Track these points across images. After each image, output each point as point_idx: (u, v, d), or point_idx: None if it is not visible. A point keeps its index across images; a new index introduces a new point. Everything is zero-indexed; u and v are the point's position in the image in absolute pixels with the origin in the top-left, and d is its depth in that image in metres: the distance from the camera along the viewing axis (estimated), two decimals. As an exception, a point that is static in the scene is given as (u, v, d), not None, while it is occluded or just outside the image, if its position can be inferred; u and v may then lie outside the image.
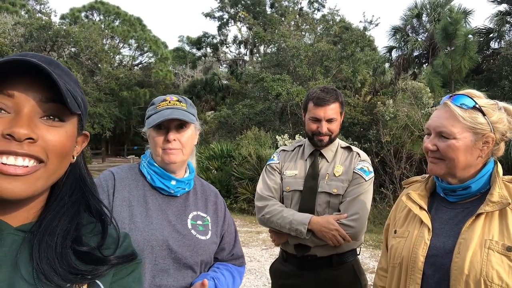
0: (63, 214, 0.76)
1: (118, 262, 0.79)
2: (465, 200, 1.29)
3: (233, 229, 1.60)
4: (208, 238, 1.43)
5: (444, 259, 1.21)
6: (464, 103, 1.25)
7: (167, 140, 1.39)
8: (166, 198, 1.44)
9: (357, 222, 1.86)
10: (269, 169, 2.14)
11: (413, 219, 1.35)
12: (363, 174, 1.96)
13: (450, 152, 1.24)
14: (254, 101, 14.93)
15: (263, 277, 5.01)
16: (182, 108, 1.42)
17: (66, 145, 0.72)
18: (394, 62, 16.11)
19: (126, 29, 32.30)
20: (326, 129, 1.99)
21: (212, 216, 1.51)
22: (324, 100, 1.97)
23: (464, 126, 1.23)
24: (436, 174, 1.31)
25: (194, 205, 1.48)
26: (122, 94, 28.18)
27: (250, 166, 9.86)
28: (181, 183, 1.44)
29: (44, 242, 0.71)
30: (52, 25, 22.35)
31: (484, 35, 13.07)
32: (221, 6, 24.73)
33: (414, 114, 8.89)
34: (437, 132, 1.27)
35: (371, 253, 5.97)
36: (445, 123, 1.25)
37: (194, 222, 1.44)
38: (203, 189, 1.57)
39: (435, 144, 1.27)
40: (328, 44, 14.61)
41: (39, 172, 0.68)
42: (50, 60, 0.73)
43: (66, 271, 0.70)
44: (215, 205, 1.55)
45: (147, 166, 1.44)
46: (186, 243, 1.37)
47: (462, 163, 1.25)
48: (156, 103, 1.45)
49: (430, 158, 1.30)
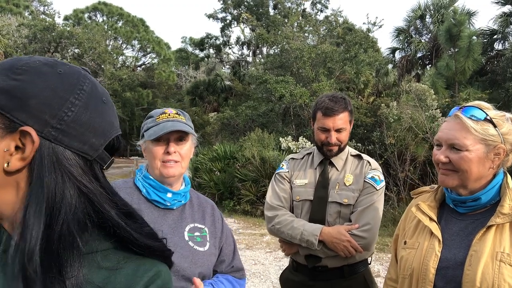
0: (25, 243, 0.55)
1: None
2: (475, 211, 1.29)
3: (231, 241, 1.59)
4: (207, 250, 1.42)
5: (455, 271, 1.21)
6: (475, 115, 1.25)
7: (167, 152, 1.38)
8: (162, 211, 1.42)
9: (368, 232, 1.84)
10: (278, 178, 2.12)
11: (423, 230, 1.35)
12: (374, 183, 1.94)
13: (463, 164, 1.24)
14: (257, 102, 14.92)
15: (268, 281, 5.01)
16: (182, 120, 1.43)
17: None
18: (397, 64, 16.09)
19: (129, 30, 32.39)
20: (335, 139, 1.96)
21: (210, 228, 1.50)
22: (333, 110, 1.94)
23: (476, 138, 1.23)
24: (448, 186, 1.31)
25: (191, 217, 1.47)
26: (125, 95, 28.26)
27: (254, 168, 9.85)
28: (177, 195, 1.43)
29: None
30: (55, 26, 22.45)
31: (488, 37, 13.03)
32: (224, 8, 24.76)
33: (418, 116, 8.86)
34: (449, 144, 1.27)
35: (375, 256, 5.96)
36: (458, 135, 1.25)
37: (192, 234, 1.42)
38: (199, 201, 1.56)
39: (447, 156, 1.27)
40: (331, 46, 14.60)
41: None
42: None
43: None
44: (213, 216, 1.54)
45: (142, 180, 1.43)
46: (183, 254, 1.35)
47: (474, 175, 1.25)
48: (154, 115, 1.45)
49: (442, 170, 1.29)
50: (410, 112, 9.20)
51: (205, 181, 10.79)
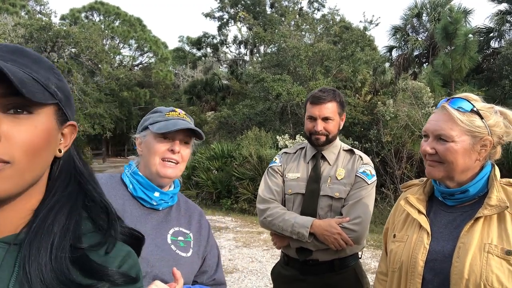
0: (59, 211, 0.67)
1: (116, 280, 0.66)
2: (464, 203, 1.30)
3: (216, 253, 1.50)
4: (189, 256, 1.35)
5: (443, 264, 1.21)
6: (462, 107, 1.26)
7: (172, 150, 1.33)
8: (147, 210, 1.36)
9: (359, 226, 1.85)
10: (271, 172, 2.13)
11: (412, 223, 1.36)
12: (366, 178, 1.95)
13: (449, 155, 1.25)
14: (254, 101, 14.92)
15: (265, 278, 5.02)
16: (191, 123, 1.39)
17: (34, 141, 0.63)
18: (394, 62, 16.13)
19: (126, 29, 32.29)
20: (322, 128, 1.98)
21: (195, 234, 1.42)
22: (320, 99, 1.97)
23: (462, 129, 1.24)
24: (435, 178, 1.31)
25: (176, 221, 1.40)
26: (123, 94, 28.18)
27: (251, 166, 9.86)
28: (165, 195, 1.37)
29: (36, 242, 0.63)
30: (52, 26, 22.34)
31: (484, 35, 13.08)
32: (221, 6, 24.72)
33: (415, 114, 8.89)
34: (436, 135, 1.28)
35: (372, 253, 5.97)
36: (444, 126, 1.26)
37: (175, 238, 1.35)
38: (187, 206, 1.49)
39: (433, 147, 1.28)
40: (328, 44, 14.60)
41: (6, 172, 0.60)
42: (14, 49, 0.66)
43: (56, 279, 0.61)
44: (199, 223, 1.47)
45: (130, 176, 1.37)
46: (165, 258, 1.28)
47: (460, 166, 1.26)
48: (163, 111, 1.40)
49: (429, 161, 1.30)
50: (407, 110, 9.23)
51: (203, 180, 10.79)
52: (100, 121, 24.44)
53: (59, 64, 21.37)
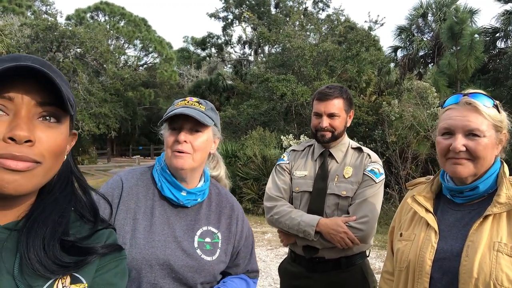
0: (54, 208, 0.78)
1: (104, 251, 0.81)
2: (472, 201, 1.27)
3: (250, 243, 1.49)
4: (215, 259, 1.33)
5: (452, 262, 1.19)
6: (486, 101, 1.24)
7: (177, 141, 1.30)
8: (176, 209, 1.34)
9: (366, 225, 1.84)
10: (278, 169, 2.13)
11: (419, 222, 1.34)
12: (373, 176, 1.93)
13: (482, 151, 1.21)
14: (258, 101, 14.91)
15: (269, 277, 5.01)
16: (200, 109, 1.33)
17: (61, 145, 0.75)
18: (399, 62, 16.05)
19: (131, 29, 32.41)
20: (328, 124, 1.97)
21: (223, 232, 1.39)
22: (326, 95, 1.97)
23: (489, 124, 1.22)
24: (462, 176, 1.24)
25: (206, 219, 1.38)
26: (127, 94, 28.29)
27: (255, 166, 9.85)
28: (192, 195, 1.34)
29: (33, 231, 0.73)
30: (58, 26, 22.46)
31: (491, 35, 12.98)
32: (226, 7, 24.74)
33: (420, 114, 8.84)
34: (466, 130, 1.22)
35: (377, 253, 5.94)
36: (475, 121, 1.21)
37: (202, 240, 1.34)
38: (219, 199, 1.45)
39: (464, 144, 1.22)
40: (333, 44, 14.58)
41: (37, 170, 0.71)
42: (44, 62, 0.75)
43: (51, 261, 0.72)
44: (229, 219, 1.42)
45: (159, 172, 1.36)
46: (189, 264, 1.28)
47: (488, 162, 1.23)
48: (175, 103, 1.39)
49: (455, 159, 1.23)
50: (412, 110, 9.18)
51: (207, 180, 10.79)
52: (105, 120, 24.55)
53: (64, 64, 21.49)
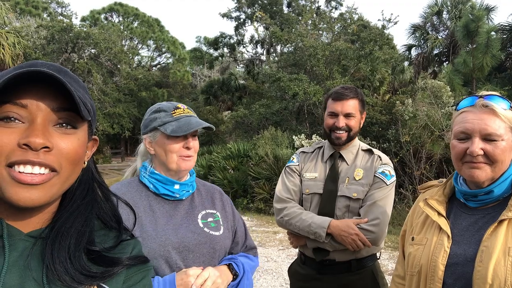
0: (77, 217, 0.77)
1: (130, 263, 0.80)
2: (486, 205, 1.24)
3: (242, 222, 1.64)
4: (222, 234, 1.47)
5: (465, 268, 1.16)
6: (503, 103, 1.21)
7: (187, 147, 1.42)
8: (173, 203, 1.46)
9: (377, 227, 1.82)
10: (288, 171, 2.12)
11: (431, 226, 1.31)
12: (385, 178, 1.91)
13: (501, 155, 1.18)
14: (270, 101, 14.89)
15: (280, 278, 5.00)
16: (196, 116, 1.48)
17: (78, 152, 0.73)
18: (413, 61, 15.86)
19: (145, 30, 32.72)
20: (344, 124, 1.96)
21: (221, 212, 1.54)
22: (342, 95, 1.96)
23: (507, 127, 1.19)
24: (481, 180, 1.22)
25: (201, 205, 1.51)
26: (141, 94, 28.56)
27: (267, 166, 9.84)
28: (185, 185, 1.47)
29: (57, 242, 0.72)
30: (73, 27, 22.80)
31: (508, 32, 12.71)
32: (238, 6, 24.74)
33: (434, 114, 8.71)
34: (484, 134, 1.19)
35: (389, 254, 5.88)
36: (492, 125, 1.19)
37: (205, 221, 1.46)
38: (206, 188, 1.60)
39: (481, 147, 1.20)
40: (346, 43, 14.44)
41: (53, 180, 0.69)
42: (60, 68, 0.73)
43: (78, 271, 0.71)
44: (221, 201, 1.59)
45: (149, 176, 1.46)
46: (201, 241, 1.39)
47: (505, 165, 1.21)
48: (168, 110, 1.45)
49: (473, 163, 1.20)
50: (426, 109, 9.04)
51: (219, 179, 10.83)
52: (119, 120, 24.85)
53: (79, 64, 21.81)
